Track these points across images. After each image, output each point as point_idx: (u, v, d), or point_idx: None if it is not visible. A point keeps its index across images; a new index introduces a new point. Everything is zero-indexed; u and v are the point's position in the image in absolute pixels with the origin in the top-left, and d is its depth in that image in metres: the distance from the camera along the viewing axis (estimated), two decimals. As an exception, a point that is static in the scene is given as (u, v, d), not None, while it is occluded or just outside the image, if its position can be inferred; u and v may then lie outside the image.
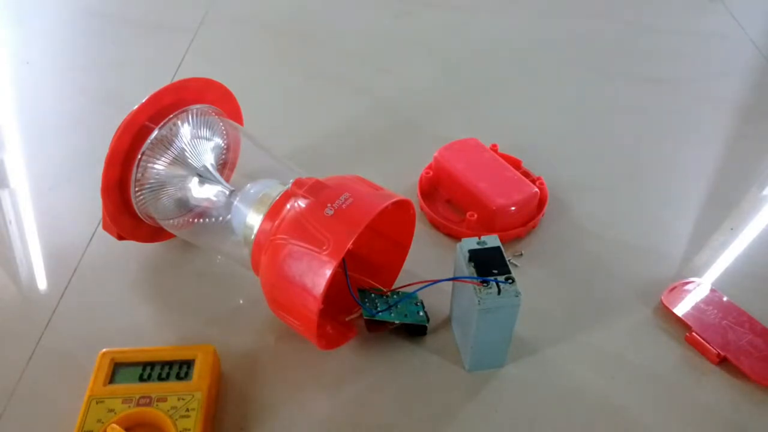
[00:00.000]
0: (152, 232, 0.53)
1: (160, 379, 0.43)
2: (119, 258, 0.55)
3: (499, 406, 0.45)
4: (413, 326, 0.48)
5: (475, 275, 0.42)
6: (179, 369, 0.44)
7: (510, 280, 0.41)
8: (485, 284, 0.41)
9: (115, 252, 0.55)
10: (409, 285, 0.48)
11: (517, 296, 0.41)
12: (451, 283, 0.47)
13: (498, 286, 0.41)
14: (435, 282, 0.45)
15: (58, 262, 0.55)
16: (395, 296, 0.48)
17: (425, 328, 0.48)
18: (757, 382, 0.45)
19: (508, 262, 0.43)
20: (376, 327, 0.47)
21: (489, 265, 0.42)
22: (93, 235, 0.57)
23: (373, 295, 0.48)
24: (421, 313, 0.48)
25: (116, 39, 0.87)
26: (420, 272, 0.51)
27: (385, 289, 0.49)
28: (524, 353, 0.48)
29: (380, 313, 0.46)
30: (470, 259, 0.43)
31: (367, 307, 0.46)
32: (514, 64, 0.82)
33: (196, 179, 0.50)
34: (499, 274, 0.42)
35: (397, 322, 0.46)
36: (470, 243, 0.44)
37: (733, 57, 0.84)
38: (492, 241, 0.44)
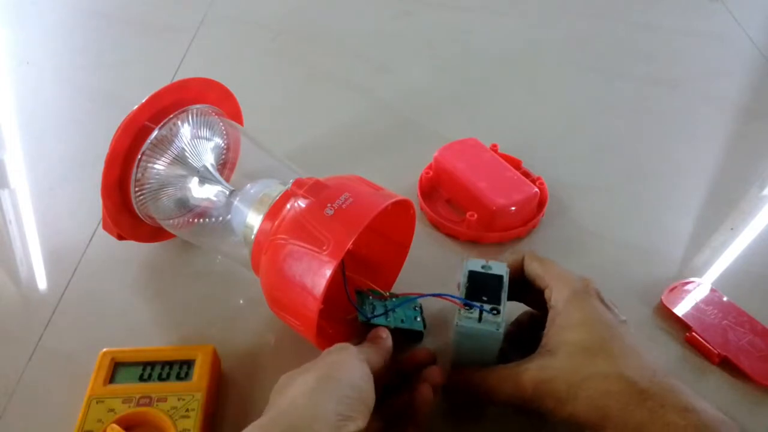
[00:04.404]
0: (152, 232, 0.53)
1: (160, 379, 0.43)
2: (119, 258, 0.55)
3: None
4: (409, 332, 0.47)
5: (464, 296, 0.41)
6: (179, 369, 0.44)
7: (495, 311, 0.40)
8: (468, 307, 0.40)
9: (115, 252, 0.55)
10: (398, 295, 0.47)
11: (497, 329, 0.39)
12: (456, 286, 0.46)
13: (480, 313, 0.40)
14: (422, 295, 0.44)
15: (58, 262, 0.55)
16: (394, 300, 0.47)
17: (421, 334, 0.47)
18: (758, 382, 0.45)
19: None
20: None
21: (483, 291, 0.41)
22: (93, 235, 0.57)
23: (371, 297, 0.47)
24: (419, 319, 0.47)
25: (116, 39, 0.87)
26: (420, 272, 0.51)
27: (385, 293, 0.48)
28: (524, 353, 0.48)
29: (375, 318, 0.45)
30: (468, 279, 0.42)
31: (363, 311, 0.45)
32: (514, 64, 0.82)
33: (196, 179, 0.50)
34: (489, 302, 0.41)
35: (392, 326, 0.45)
36: (476, 264, 0.43)
37: (733, 57, 0.84)
38: (498, 268, 0.43)
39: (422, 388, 0.40)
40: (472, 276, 0.43)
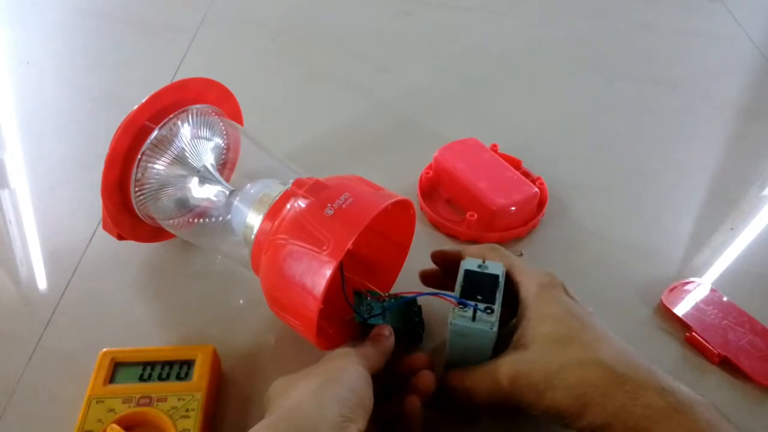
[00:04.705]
0: (152, 232, 0.53)
1: (160, 379, 0.43)
2: (119, 258, 0.55)
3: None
4: (409, 333, 0.46)
5: (459, 295, 0.41)
6: (179, 369, 0.44)
7: (489, 311, 0.40)
8: (462, 306, 0.40)
9: (115, 252, 0.55)
10: (396, 296, 0.47)
11: (491, 329, 0.39)
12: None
13: (474, 312, 0.40)
14: (417, 294, 0.44)
15: (58, 262, 0.55)
16: (392, 300, 0.47)
17: (420, 335, 0.47)
18: (758, 382, 0.45)
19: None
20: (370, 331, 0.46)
21: (478, 290, 0.41)
22: (93, 235, 0.57)
23: (369, 298, 0.46)
24: (417, 320, 0.47)
25: (116, 39, 0.87)
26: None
27: (384, 294, 0.47)
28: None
29: (372, 318, 0.45)
30: (464, 278, 0.42)
31: (360, 311, 0.45)
32: (514, 64, 0.82)
33: (196, 179, 0.50)
34: (483, 301, 0.41)
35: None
36: (473, 263, 0.43)
37: (733, 57, 0.84)
38: (494, 268, 0.43)
39: (410, 399, 0.40)
40: (468, 275, 0.43)
